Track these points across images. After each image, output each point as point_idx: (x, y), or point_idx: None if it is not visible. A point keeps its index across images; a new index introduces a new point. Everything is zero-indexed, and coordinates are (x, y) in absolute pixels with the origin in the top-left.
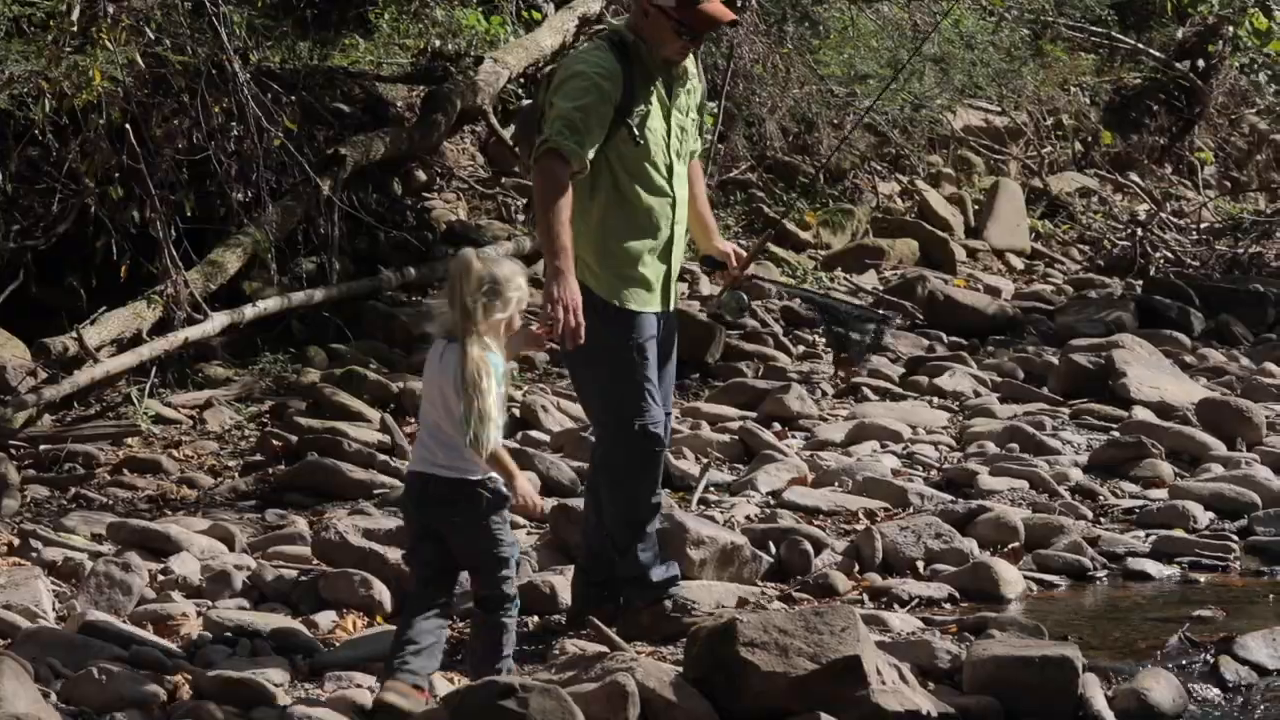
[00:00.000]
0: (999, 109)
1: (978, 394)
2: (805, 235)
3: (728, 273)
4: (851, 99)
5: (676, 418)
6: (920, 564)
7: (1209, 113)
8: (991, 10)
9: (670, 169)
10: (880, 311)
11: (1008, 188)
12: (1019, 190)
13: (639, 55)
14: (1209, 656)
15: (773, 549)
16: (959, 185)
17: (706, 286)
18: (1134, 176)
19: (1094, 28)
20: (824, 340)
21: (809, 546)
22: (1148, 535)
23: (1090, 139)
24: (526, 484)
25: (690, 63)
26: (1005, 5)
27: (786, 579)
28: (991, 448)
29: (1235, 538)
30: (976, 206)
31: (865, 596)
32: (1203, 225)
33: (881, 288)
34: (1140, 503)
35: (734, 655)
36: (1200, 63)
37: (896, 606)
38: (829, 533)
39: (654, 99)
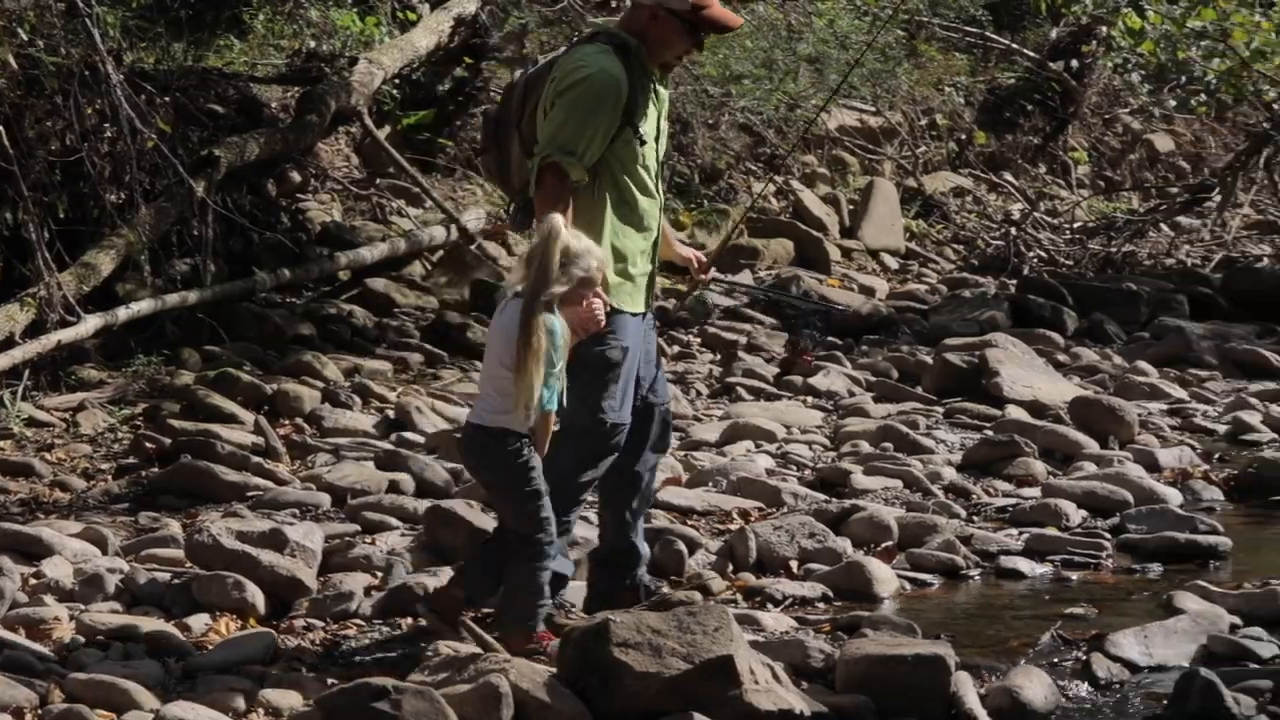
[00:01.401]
0: (874, 109)
1: (852, 393)
2: (680, 236)
3: (691, 277)
4: (727, 99)
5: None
6: (794, 563)
7: (1083, 112)
8: (866, 10)
9: (658, 174)
10: (826, 305)
11: (882, 187)
12: (894, 190)
13: (640, 59)
14: (1081, 654)
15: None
16: (834, 185)
17: None
18: (1008, 176)
19: (968, 28)
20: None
21: (683, 546)
22: (1020, 533)
23: (965, 139)
24: None
25: None
26: (880, 5)
27: (660, 578)
28: (865, 447)
29: (1107, 535)
30: (851, 206)
31: (739, 596)
32: (1076, 224)
33: (758, 286)
34: (1013, 501)
35: (607, 656)
36: (1074, 62)
37: (770, 606)
38: (703, 533)
39: (651, 103)
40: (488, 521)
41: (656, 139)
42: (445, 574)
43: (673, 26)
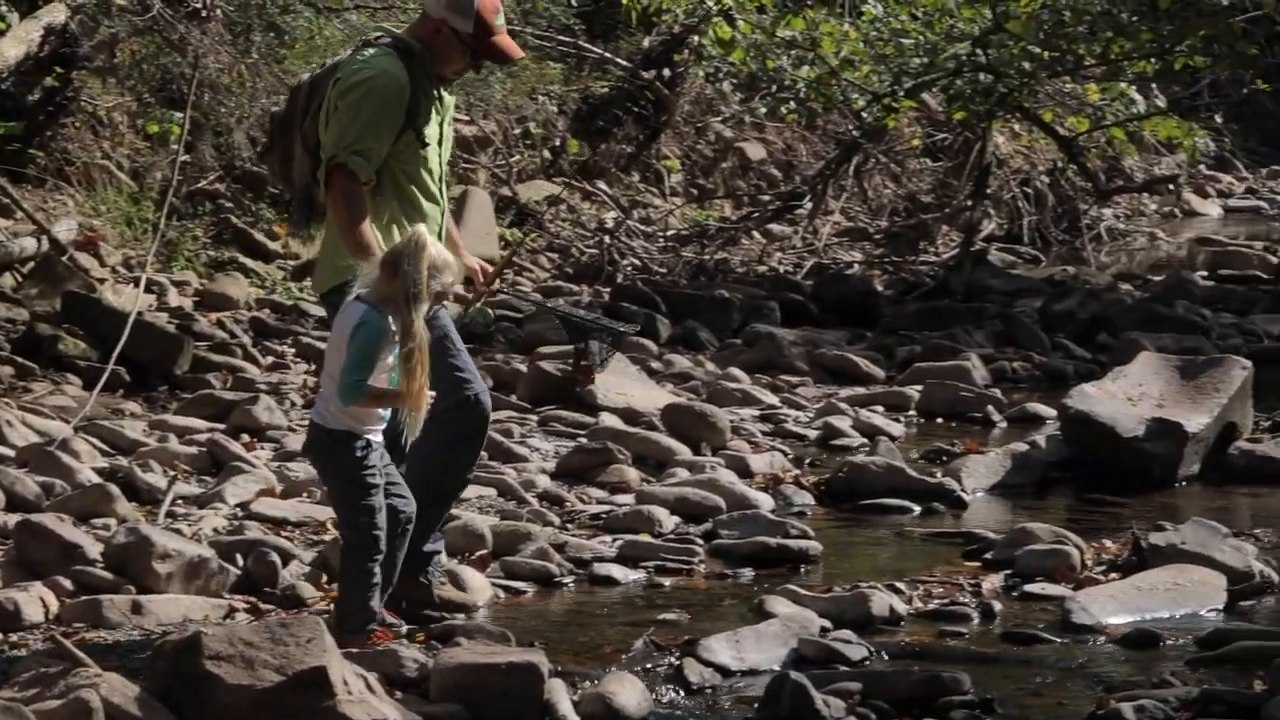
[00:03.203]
0: (467, 118)
1: None
2: (274, 246)
3: (474, 288)
4: None
5: (144, 430)
6: None
7: (675, 121)
8: None
9: (441, 177)
10: (615, 323)
11: (476, 196)
12: (488, 199)
13: (423, 63)
14: (674, 659)
15: (240, 561)
16: None
17: (175, 298)
18: (602, 184)
19: (561, 37)
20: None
21: (276, 558)
22: (614, 540)
23: (558, 147)
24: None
25: None
26: None
27: (254, 591)
28: None
29: (700, 541)
30: None
31: (333, 606)
32: (670, 232)
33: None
34: (607, 508)
35: (198, 668)
36: (666, 71)
37: None
38: (297, 543)
39: (433, 108)
40: (80, 535)
41: (440, 143)
42: (37, 589)
43: (454, 45)
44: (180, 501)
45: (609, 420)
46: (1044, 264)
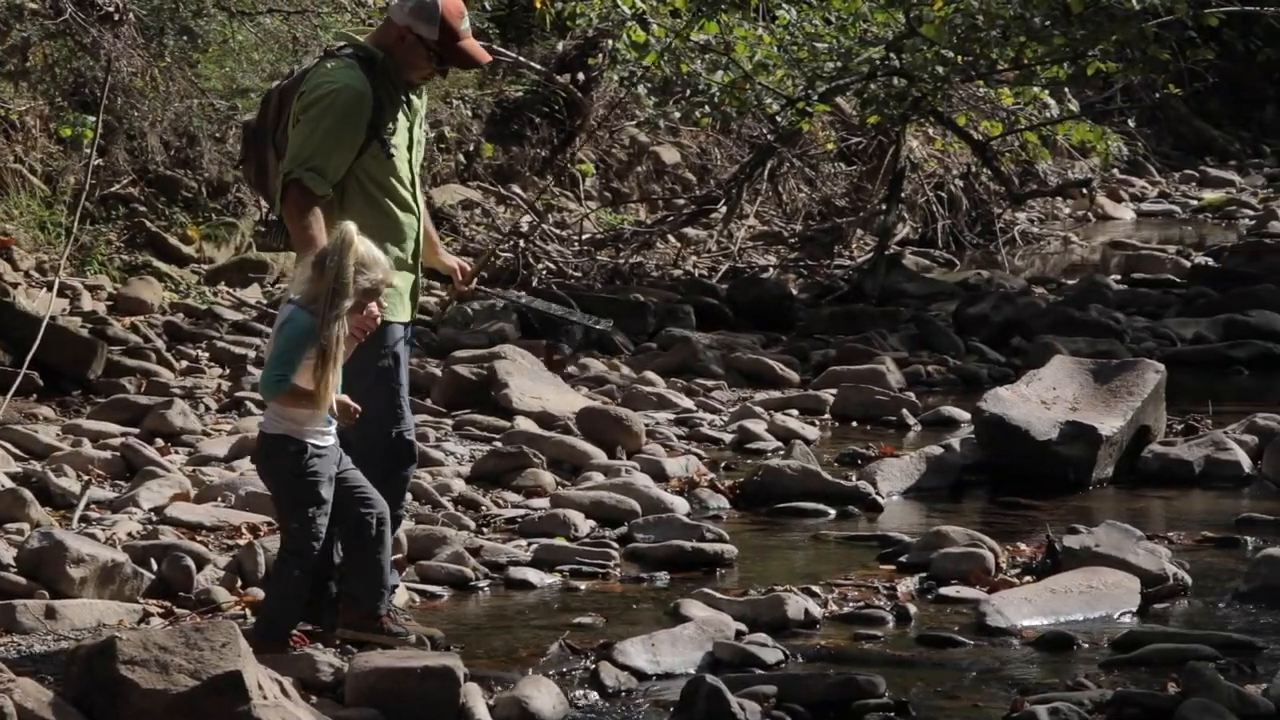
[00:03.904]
0: None
1: None
2: (188, 249)
3: (454, 287)
4: (234, 112)
5: (58, 435)
6: None
7: (590, 125)
8: (372, 26)
9: (413, 182)
10: (588, 317)
11: None
12: None
13: (387, 72)
14: (589, 663)
15: (155, 565)
16: None
17: (88, 302)
18: (516, 188)
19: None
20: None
21: (191, 562)
22: (529, 544)
23: (472, 151)
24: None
25: None
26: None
27: (169, 595)
28: None
29: (615, 545)
30: None
31: (248, 611)
32: (584, 236)
33: (266, 301)
34: (522, 512)
35: (113, 673)
36: (581, 75)
37: None
38: (212, 548)
39: (400, 115)
40: None
41: (411, 148)
42: None
43: (419, 51)
44: (94, 506)
45: (524, 424)
46: (958, 268)
